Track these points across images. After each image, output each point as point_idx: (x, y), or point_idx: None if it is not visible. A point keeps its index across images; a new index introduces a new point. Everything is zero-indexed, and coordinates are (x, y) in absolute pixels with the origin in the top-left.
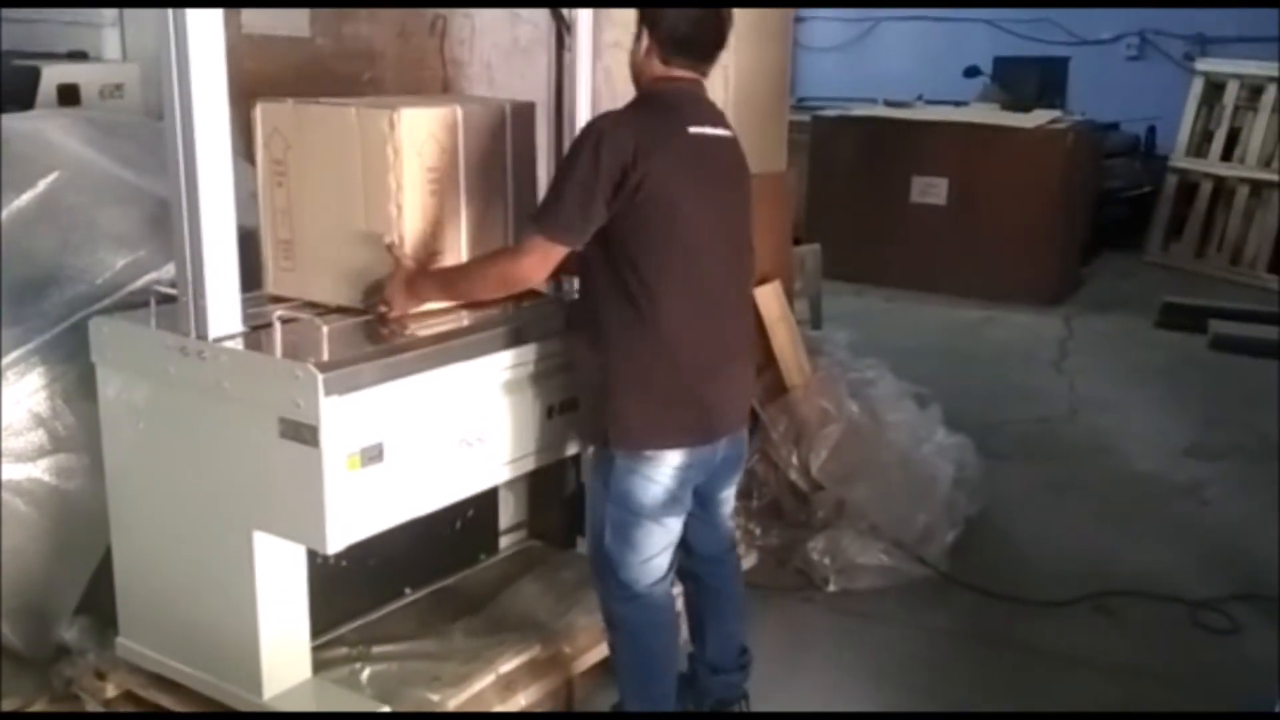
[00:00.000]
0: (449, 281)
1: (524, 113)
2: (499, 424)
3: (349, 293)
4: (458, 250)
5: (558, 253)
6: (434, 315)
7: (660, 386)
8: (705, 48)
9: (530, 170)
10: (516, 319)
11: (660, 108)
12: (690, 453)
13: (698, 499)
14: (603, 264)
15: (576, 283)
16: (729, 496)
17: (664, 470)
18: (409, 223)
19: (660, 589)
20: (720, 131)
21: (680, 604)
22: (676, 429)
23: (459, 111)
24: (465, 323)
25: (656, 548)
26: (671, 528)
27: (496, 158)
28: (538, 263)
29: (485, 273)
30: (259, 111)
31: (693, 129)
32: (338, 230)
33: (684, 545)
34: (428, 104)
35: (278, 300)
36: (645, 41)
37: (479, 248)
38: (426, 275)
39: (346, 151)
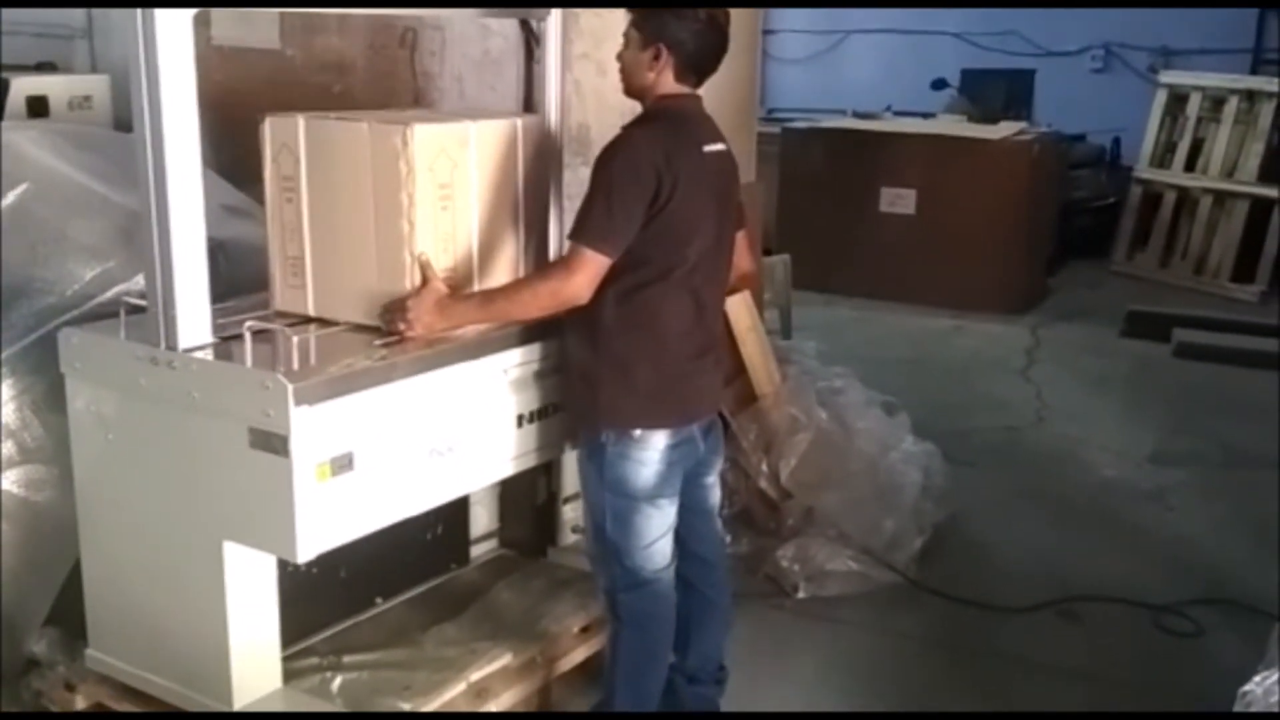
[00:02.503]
0: (488, 302)
1: (537, 129)
2: (469, 433)
3: (358, 310)
4: (470, 266)
5: (604, 265)
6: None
7: (645, 374)
8: (714, 66)
9: (543, 186)
10: (485, 329)
11: (678, 124)
12: (674, 434)
13: (684, 486)
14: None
15: None
16: (714, 483)
17: (652, 452)
18: (420, 239)
19: (666, 576)
20: (721, 146)
21: None
22: (662, 412)
23: (471, 128)
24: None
25: (656, 532)
26: (668, 511)
27: (508, 174)
28: (591, 278)
29: (535, 290)
30: (267, 126)
31: (705, 147)
32: (348, 247)
33: (677, 543)
34: (440, 120)
35: (283, 316)
36: (660, 58)
37: (490, 264)
38: (461, 297)
39: (358, 167)
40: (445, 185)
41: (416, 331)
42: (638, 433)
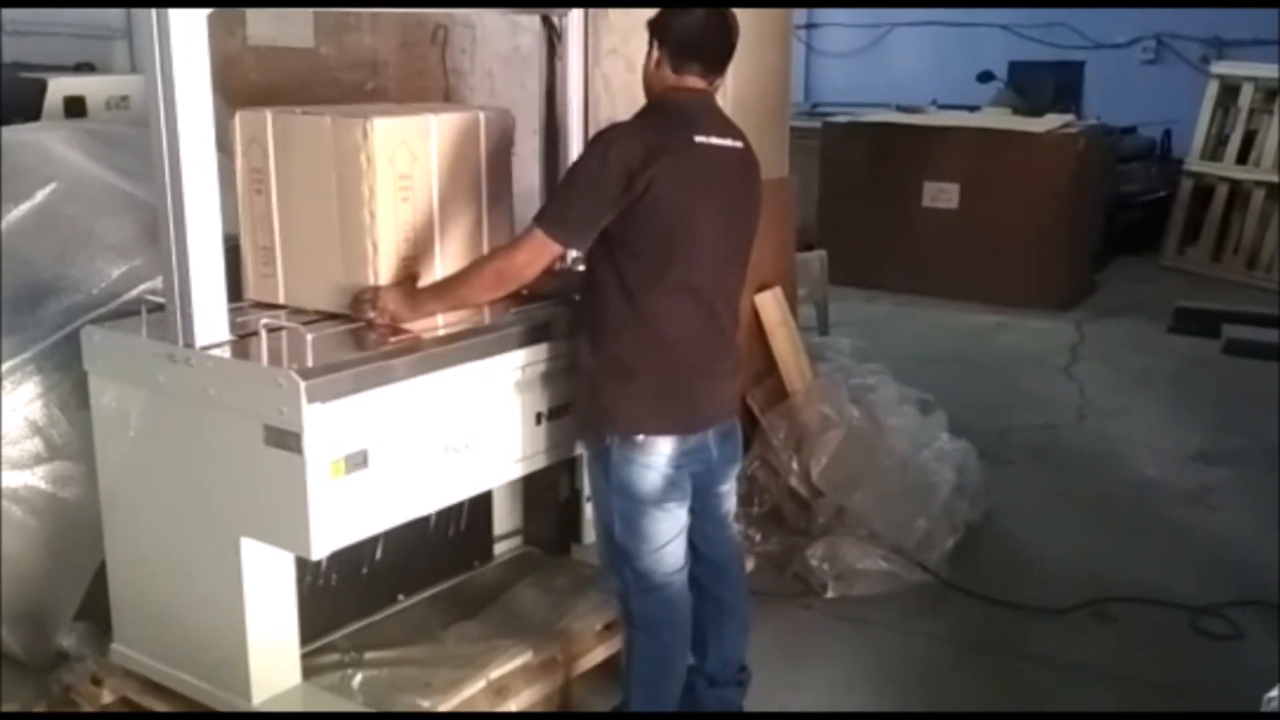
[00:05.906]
0: (445, 289)
1: (500, 121)
2: (486, 430)
3: (325, 298)
4: (431, 257)
5: (552, 249)
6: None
7: (648, 379)
8: (714, 56)
9: (506, 178)
10: (502, 325)
11: (668, 117)
12: (682, 440)
13: (696, 493)
14: (604, 261)
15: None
16: (728, 491)
17: (658, 457)
18: (382, 230)
19: (679, 580)
20: (728, 142)
21: None
22: (664, 419)
23: (432, 121)
24: (448, 330)
25: (666, 535)
26: (677, 515)
27: (470, 166)
28: (532, 257)
29: (482, 271)
30: (237, 120)
31: (699, 138)
32: (314, 237)
33: (689, 546)
34: (401, 113)
35: (258, 305)
36: (655, 53)
37: (452, 254)
38: (426, 287)
39: (322, 160)
40: (406, 177)
41: (385, 321)
42: (641, 438)
